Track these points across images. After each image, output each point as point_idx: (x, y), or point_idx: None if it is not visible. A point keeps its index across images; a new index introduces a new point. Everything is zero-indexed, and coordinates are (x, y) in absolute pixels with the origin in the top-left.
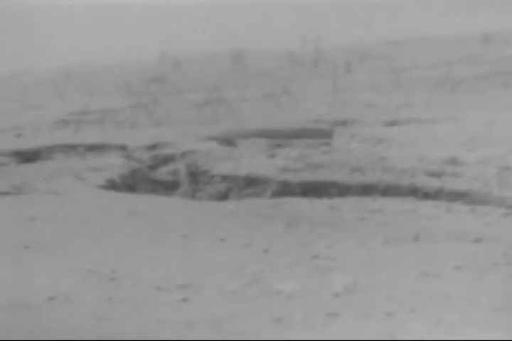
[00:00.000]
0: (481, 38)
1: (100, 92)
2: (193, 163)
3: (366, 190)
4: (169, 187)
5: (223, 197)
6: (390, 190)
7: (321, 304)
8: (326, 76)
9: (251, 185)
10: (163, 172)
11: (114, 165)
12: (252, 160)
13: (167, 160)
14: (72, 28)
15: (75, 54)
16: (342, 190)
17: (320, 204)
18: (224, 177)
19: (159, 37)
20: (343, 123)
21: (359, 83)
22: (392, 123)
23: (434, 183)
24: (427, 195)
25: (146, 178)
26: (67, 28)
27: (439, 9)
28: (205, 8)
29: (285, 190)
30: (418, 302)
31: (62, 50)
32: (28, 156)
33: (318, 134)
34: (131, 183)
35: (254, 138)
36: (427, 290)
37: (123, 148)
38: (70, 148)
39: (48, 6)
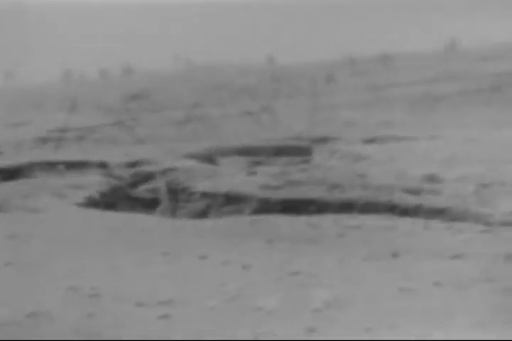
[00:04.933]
0: (460, 56)
1: (80, 109)
2: (173, 181)
3: (345, 207)
4: (149, 205)
5: (203, 214)
6: (368, 207)
7: (301, 320)
8: (305, 93)
9: (231, 202)
10: (143, 190)
11: (94, 182)
12: (231, 177)
13: (147, 177)
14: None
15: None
16: (321, 207)
17: (299, 222)
18: (204, 195)
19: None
20: (323, 140)
21: (338, 100)
22: (371, 141)
23: (412, 200)
24: (405, 212)
25: (126, 196)
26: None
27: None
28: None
29: (265, 207)
30: (397, 318)
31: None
32: (8, 174)
33: (298, 151)
34: (111, 201)
35: (234, 155)
36: (406, 306)
37: (103, 165)
38: (50, 166)
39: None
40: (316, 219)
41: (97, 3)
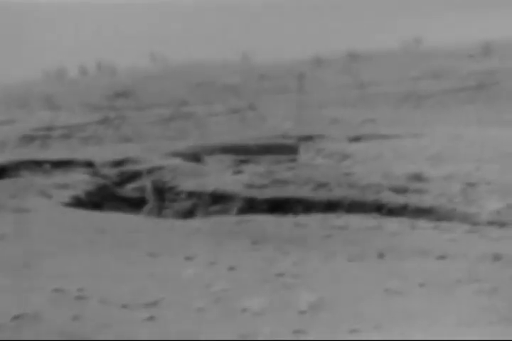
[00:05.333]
0: (447, 54)
1: (66, 108)
2: (159, 180)
3: (331, 206)
4: (136, 204)
5: (190, 213)
6: (354, 207)
7: (286, 321)
8: (291, 91)
9: (217, 201)
10: (129, 189)
11: (81, 182)
12: (218, 176)
13: (134, 176)
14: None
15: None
16: (307, 206)
17: (285, 221)
18: (190, 194)
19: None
20: (309, 138)
21: (324, 98)
22: (357, 139)
23: (398, 199)
24: (391, 212)
25: (112, 195)
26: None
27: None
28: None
29: (251, 206)
30: (383, 319)
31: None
32: None
33: (284, 150)
34: (97, 200)
35: (220, 154)
36: (392, 307)
37: (89, 164)
38: (35, 165)
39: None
40: (302, 219)
41: (83, 2)
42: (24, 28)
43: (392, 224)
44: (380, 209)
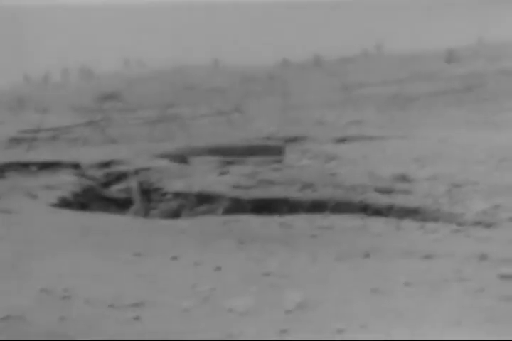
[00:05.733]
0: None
1: (53, 110)
2: (145, 181)
3: (317, 206)
4: (122, 205)
5: (176, 214)
6: (340, 207)
7: (273, 321)
8: (277, 93)
9: (203, 202)
10: (115, 190)
11: (67, 183)
12: (204, 177)
13: (120, 177)
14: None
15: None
16: (293, 207)
17: (271, 222)
18: (176, 195)
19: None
20: (294, 140)
21: (310, 100)
22: (342, 140)
23: (384, 200)
24: (377, 212)
25: (98, 196)
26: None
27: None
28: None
29: (237, 207)
30: (369, 318)
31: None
32: None
33: (270, 151)
34: (84, 201)
35: (206, 155)
36: (378, 307)
37: (76, 165)
38: (22, 166)
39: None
40: (288, 219)
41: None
42: (10, 32)
43: (378, 224)
44: (365, 209)
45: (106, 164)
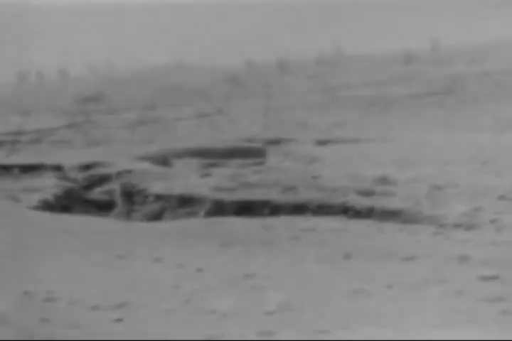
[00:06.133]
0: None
1: (36, 112)
2: (128, 183)
3: (299, 208)
4: (104, 208)
5: (158, 216)
6: (322, 209)
7: (254, 322)
8: (259, 95)
9: (185, 204)
10: (98, 193)
11: (49, 185)
12: (186, 179)
13: (102, 180)
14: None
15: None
16: (275, 209)
17: (253, 224)
18: (158, 197)
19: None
20: (277, 142)
21: (292, 102)
22: (324, 143)
23: (365, 202)
24: (358, 214)
25: (81, 199)
26: None
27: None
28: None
29: (219, 209)
30: (350, 320)
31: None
32: None
33: (252, 153)
34: (66, 204)
35: (188, 157)
36: (359, 308)
37: (58, 168)
38: (4, 169)
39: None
40: (269, 221)
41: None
42: None
43: (360, 226)
44: (347, 211)
45: (88, 166)
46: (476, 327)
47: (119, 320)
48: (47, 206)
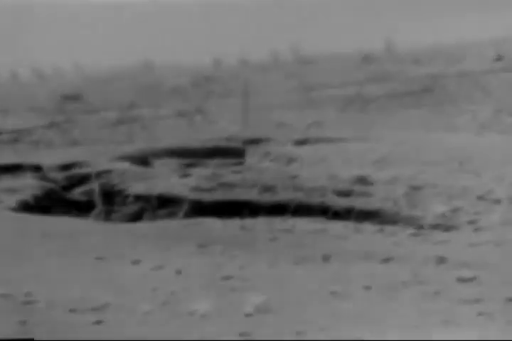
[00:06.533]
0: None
1: (14, 112)
2: (107, 183)
3: (277, 209)
4: (84, 208)
5: (137, 217)
6: (300, 210)
7: (233, 324)
8: (238, 94)
9: (164, 204)
10: (77, 193)
11: (28, 186)
12: (165, 179)
13: (82, 180)
14: None
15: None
16: (253, 210)
17: (232, 225)
18: (138, 198)
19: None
20: (255, 141)
21: (270, 101)
22: (303, 142)
23: (343, 202)
24: (336, 215)
25: (60, 199)
26: None
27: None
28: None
29: (198, 209)
30: (328, 321)
31: None
32: None
33: (231, 153)
34: (45, 205)
35: (168, 157)
36: (338, 309)
37: (38, 168)
38: None
39: None
40: (248, 222)
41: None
42: None
43: (338, 227)
44: (325, 212)
45: (68, 166)
46: (454, 329)
47: (98, 323)
48: (25, 207)
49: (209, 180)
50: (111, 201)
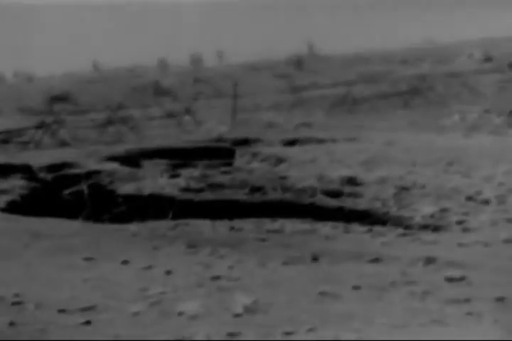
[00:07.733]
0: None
1: (3, 113)
2: (97, 184)
3: (266, 209)
4: (73, 209)
5: (127, 217)
6: (289, 210)
7: (222, 324)
8: (226, 95)
9: (153, 205)
10: (67, 194)
11: (18, 186)
12: (154, 180)
13: (71, 181)
14: None
15: None
16: (242, 211)
17: (221, 225)
18: (127, 198)
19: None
20: (244, 142)
21: (259, 102)
22: (292, 143)
23: (333, 203)
24: (326, 215)
25: (49, 200)
26: None
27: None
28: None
29: (187, 210)
30: (317, 321)
31: None
32: None
33: (220, 154)
34: (34, 205)
35: (157, 158)
36: (326, 310)
37: (27, 169)
38: None
39: None
40: (237, 222)
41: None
42: None
43: (327, 227)
44: (314, 212)
45: (57, 167)
46: (442, 328)
47: (87, 323)
48: (15, 207)
49: (198, 181)
50: (100, 201)
